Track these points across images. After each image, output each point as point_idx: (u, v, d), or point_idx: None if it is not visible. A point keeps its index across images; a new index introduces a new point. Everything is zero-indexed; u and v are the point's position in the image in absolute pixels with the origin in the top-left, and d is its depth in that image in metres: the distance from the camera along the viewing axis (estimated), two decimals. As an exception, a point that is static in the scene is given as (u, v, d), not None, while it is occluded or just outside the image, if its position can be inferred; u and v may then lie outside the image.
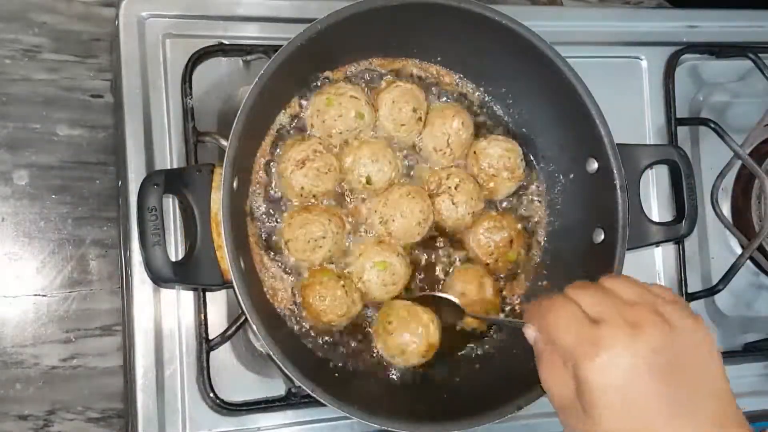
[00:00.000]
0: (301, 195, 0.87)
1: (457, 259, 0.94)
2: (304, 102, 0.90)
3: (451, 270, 0.93)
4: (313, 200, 0.88)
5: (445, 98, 0.96)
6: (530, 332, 0.68)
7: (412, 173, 0.93)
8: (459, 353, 0.92)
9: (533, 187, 0.97)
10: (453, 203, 0.91)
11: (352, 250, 0.89)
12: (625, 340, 0.60)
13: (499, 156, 0.93)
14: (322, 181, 0.87)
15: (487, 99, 0.97)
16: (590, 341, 0.60)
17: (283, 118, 0.90)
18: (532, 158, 0.97)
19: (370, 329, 0.89)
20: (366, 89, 0.92)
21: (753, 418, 1.04)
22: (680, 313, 0.63)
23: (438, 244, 0.93)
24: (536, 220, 0.96)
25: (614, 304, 0.62)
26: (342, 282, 0.86)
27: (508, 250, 0.93)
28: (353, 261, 0.88)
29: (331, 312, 0.85)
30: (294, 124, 0.90)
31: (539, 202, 0.97)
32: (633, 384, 0.59)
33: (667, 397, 0.60)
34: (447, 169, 0.93)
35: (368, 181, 0.88)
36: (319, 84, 0.91)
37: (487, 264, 0.93)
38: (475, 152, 0.93)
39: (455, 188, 0.91)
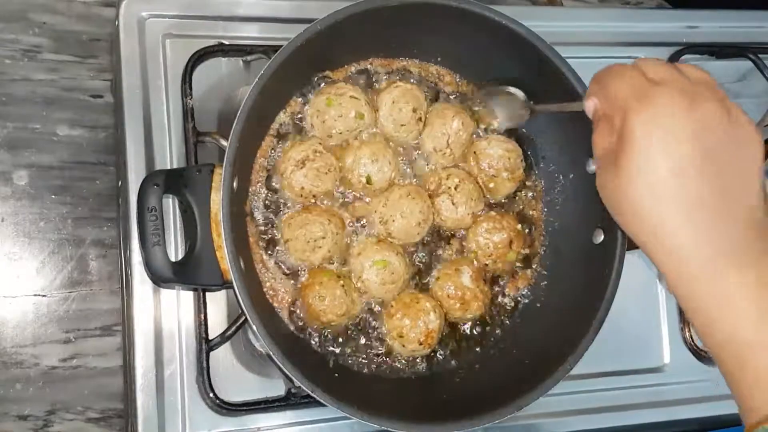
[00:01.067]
0: (301, 195, 0.87)
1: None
2: (303, 102, 0.90)
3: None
4: (313, 200, 0.88)
5: (444, 98, 0.96)
6: (590, 104, 0.66)
7: (413, 173, 0.93)
8: (459, 353, 0.92)
9: (533, 187, 0.97)
10: (453, 203, 0.91)
11: (351, 249, 0.89)
12: (680, 103, 0.58)
13: (500, 156, 0.93)
14: (322, 181, 0.87)
15: (486, 100, 0.97)
16: (645, 95, 0.59)
17: (283, 118, 0.90)
18: (531, 158, 0.97)
19: (370, 330, 0.89)
20: (366, 89, 0.92)
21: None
22: (741, 111, 0.61)
23: (437, 245, 0.93)
24: (535, 220, 0.96)
25: (680, 75, 0.61)
26: (341, 282, 0.86)
27: (508, 251, 0.93)
28: (352, 260, 0.88)
29: (330, 312, 0.85)
30: (294, 124, 0.90)
31: (539, 202, 0.97)
32: (670, 152, 0.58)
33: (697, 183, 0.58)
34: (447, 169, 0.93)
35: (368, 181, 0.88)
36: (319, 84, 0.91)
37: (486, 265, 0.93)
38: (475, 152, 0.93)
39: (455, 188, 0.91)
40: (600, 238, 0.88)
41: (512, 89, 0.90)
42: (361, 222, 0.90)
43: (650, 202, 0.59)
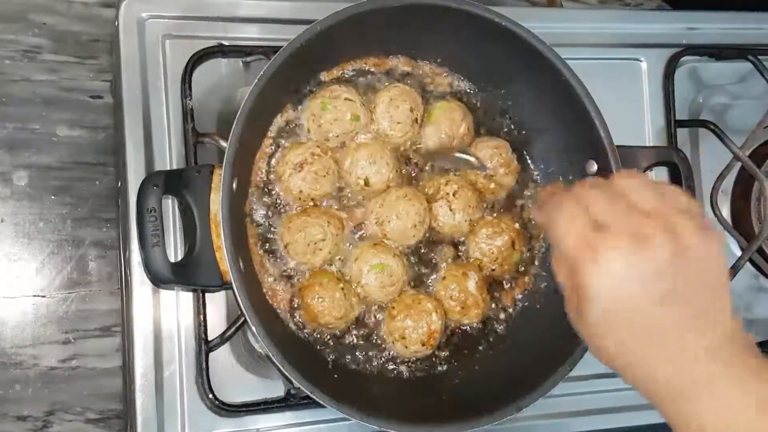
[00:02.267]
0: (300, 198, 0.87)
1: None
2: (299, 106, 0.90)
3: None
4: (311, 203, 0.88)
5: (447, 97, 0.95)
6: (539, 216, 0.65)
7: (412, 175, 0.93)
8: (459, 354, 0.92)
9: (532, 189, 0.97)
10: (450, 210, 0.91)
11: (349, 254, 0.89)
12: (627, 252, 0.56)
13: (491, 155, 0.93)
14: (320, 184, 0.87)
15: (486, 100, 0.97)
16: (590, 247, 0.57)
17: (281, 120, 0.90)
18: (530, 160, 0.97)
19: (370, 331, 0.89)
20: (361, 90, 0.92)
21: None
22: (693, 228, 0.58)
23: (434, 248, 0.93)
24: (535, 223, 0.96)
25: (623, 210, 0.58)
26: (341, 284, 0.86)
27: (512, 252, 0.93)
28: (350, 265, 0.88)
29: (328, 314, 0.85)
30: (291, 127, 0.90)
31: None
32: (628, 302, 0.56)
33: (660, 325, 0.57)
34: (445, 175, 0.93)
35: (366, 183, 0.88)
36: (316, 86, 0.91)
37: (493, 270, 0.93)
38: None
39: (453, 195, 0.91)
40: (600, 239, 0.88)
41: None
42: (359, 224, 0.90)
43: (623, 353, 0.59)
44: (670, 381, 0.59)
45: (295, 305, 0.87)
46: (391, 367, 0.89)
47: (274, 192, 0.88)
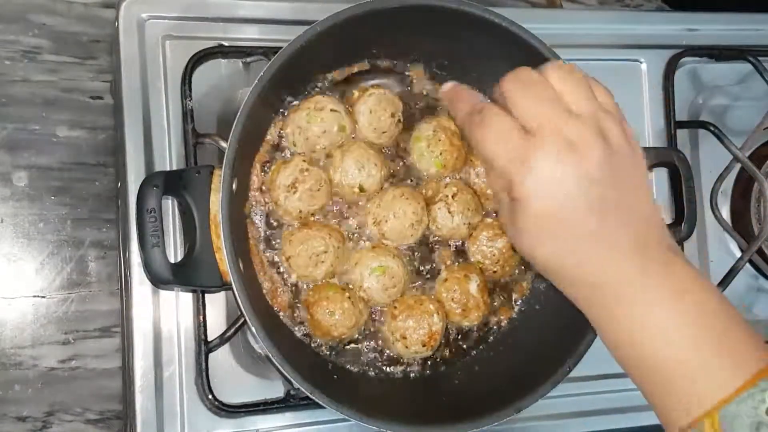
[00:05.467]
0: (300, 217, 0.87)
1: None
2: (280, 120, 0.89)
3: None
4: (312, 218, 0.88)
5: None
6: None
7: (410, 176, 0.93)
8: (459, 355, 0.92)
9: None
10: (449, 212, 0.90)
11: (349, 259, 0.89)
12: (558, 159, 0.56)
13: None
14: (317, 198, 0.86)
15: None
16: (520, 158, 0.56)
17: (282, 124, 0.90)
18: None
19: (370, 332, 0.89)
20: (341, 98, 0.91)
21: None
22: (620, 132, 0.59)
23: (437, 253, 0.93)
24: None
25: (554, 112, 0.57)
26: (347, 294, 0.86)
27: (512, 254, 0.93)
28: (351, 270, 0.88)
29: (341, 325, 0.85)
30: (274, 144, 0.89)
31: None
32: (563, 210, 0.57)
33: (596, 230, 0.58)
34: (445, 179, 0.93)
35: (361, 189, 0.88)
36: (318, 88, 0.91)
37: (494, 272, 0.93)
38: (471, 160, 0.93)
39: (452, 197, 0.90)
40: (599, 240, 0.88)
41: None
42: (358, 231, 0.90)
43: (559, 258, 0.60)
44: (600, 282, 0.60)
45: (296, 306, 0.87)
46: (391, 367, 0.89)
47: (271, 219, 0.88)
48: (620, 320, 0.61)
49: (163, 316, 0.88)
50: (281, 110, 0.89)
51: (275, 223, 0.88)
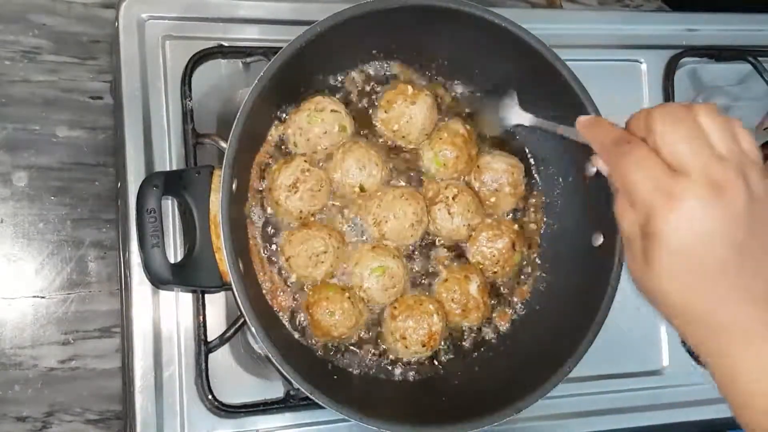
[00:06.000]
0: (300, 217, 0.87)
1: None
2: (282, 120, 0.89)
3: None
4: (312, 218, 0.88)
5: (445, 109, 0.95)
6: (601, 165, 0.64)
7: (412, 177, 0.93)
8: (459, 355, 0.92)
9: (532, 191, 0.97)
10: (449, 213, 0.90)
11: (349, 260, 0.89)
12: (706, 199, 0.55)
13: (503, 171, 0.93)
14: (317, 198, 0.87)
15: (486, 101, 0.97)
16: (670, 193, 0.56)
17: (282, 124, 0.90)
18: (531, 161, 0.97)
19: (370, 332, 0.89)
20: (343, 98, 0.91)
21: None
22: (760, 177, 0.58)
23: (437, 254, 0.93)
24: (535, 223, 0.96)
25: (701, 153, 0.57)
26: (347, 294, 0.86)
27: (513, 254, 0.93)
28: (351, 270, 0.88)
29: (341, 326, 0.85)
30: (275, 145, 0.89)
31: (538, 205, 0.97)
32: (703, 249, 0.57)
33: (733, 273, 0.57)
34: (446, 180, 0.93)
35: (362, 189, 0.88)
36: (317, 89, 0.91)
37: (495, 272, 0.93)
38: (478, 166, 0.93)
39: (453, 198, 0.90)
40: (599, 240, 0.88)
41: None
42: (358, 231, 0.90)
43: (687, 298, 0.59)
44: (728, 325, 0.59)
45: (296, 306, 0.87)
46: (390, 368, 0.89)
47: (270, 216, 0.88)
48: (743, 362, 0.60)
49: (162, 316, 0.88)
50: (281, 110, 0.89)
51: (275, 224, 0.88)
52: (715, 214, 0.56)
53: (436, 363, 0.91)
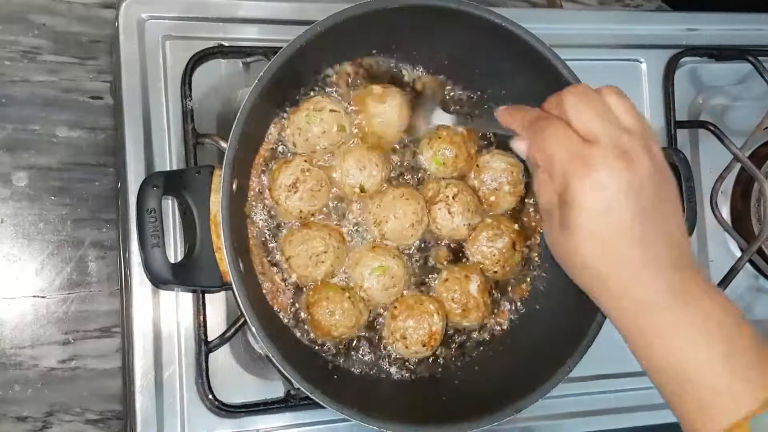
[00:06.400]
0: (300, 217, 0.87)
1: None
2: (280, 120, 0.89)
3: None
4: (311, 218, 0.88)
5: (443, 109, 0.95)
6: (521, 146, 0.69)
7: (412, 177, 0.93)
8: (458, 355, 0.92)
9: (531, 191, 0.97)
10: (449, 213, 0.90)
11: (349, 260, 0.89)
12: (617, 167, 0.61)
13: (502, 170, 0.92)
14: (318, 198, 0.87)
15: (486, 102, 0.97)
16: (583, 160, 0.62)
17: (282, 124, 0.90)
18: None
19: (370, 332, 0.89)
20: (342, 96, 0.91)
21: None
22: (660, 152, 0.65)
23: (437, 253, 0.93)
24: (535, 223, 0.96)
25: (610, 126, 0.63)
26: (347, 294, 0.86)
27: (513, 253, 0.93)
28: (351, 271, 0.88)
29: (341, 325, 0.85)
30: (276, 144, 0.89)
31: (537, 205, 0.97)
32: (614, 214, 0.62)
33: (639, 236, 0.62)
34: (446, 179, 0.93)
35: (362, 190, 0.88)
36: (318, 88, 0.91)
37: (495, 272, 0.93)
38: (478, 165, 0.93)
39: (453, 198, 0.90)
40: (599, 240, 0.88)
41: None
42: (358, 231, 0.90)
43: (601, 259, 0.64)
44: (637, 291, 0.64)
45: (296, 306, 0.87)
46: (391, 368, 0.89)
47: (271, 216, 0.88)
48: (653, 329, 0.64)
49: (163, 316, 0.88)
50: (281, 110, 0.89)
51: (275, 224, 0.88)
52: (623, 180, 0.61)
53: (436, 363, 0.91)
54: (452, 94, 0.96)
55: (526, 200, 0.96)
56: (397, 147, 0.92)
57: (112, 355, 1.01)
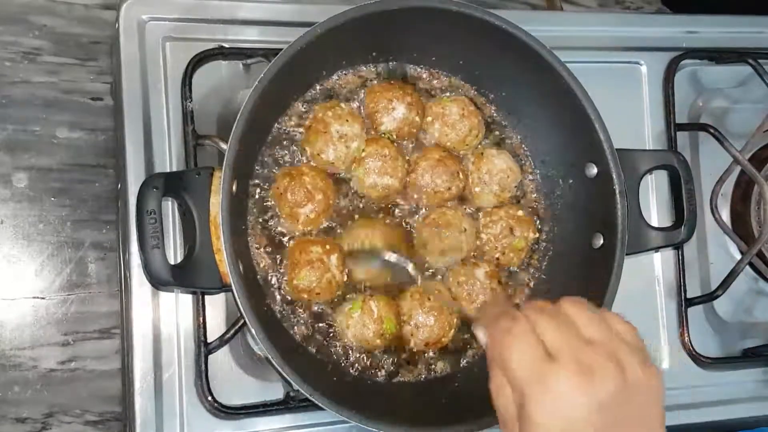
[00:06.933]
0: (303, 222, 0.88)
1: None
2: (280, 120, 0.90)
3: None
4: (314, 226, 0.89)
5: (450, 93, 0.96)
6: (481, 336, 0.66)
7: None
8: (458, 356, 0.92)
9: (532, 191, 0.97)
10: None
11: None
12: (575, 384, 0.57)
13: (500, 170, 0.93)
14: (321, 206, 0.87)
15: (486, 102, 0.97)
16: (540, 378, 0.58)
17: (282, 125, 0.90)
18: (530, 162, 0.97)
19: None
20: (354, 102, 0.93)
21: (752, 423, 1.04)
22: (637, 362, 0.60)
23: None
24: (535, 223, 0.96)
25: (571, 339, 0.60)
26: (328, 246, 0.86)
27: (513, 239, 0.92)
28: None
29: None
30: (276, 144, 0.90)
31: (538, 205, 0.97)
32: (569, 430, 0.58)
33: None
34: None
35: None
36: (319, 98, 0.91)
37: (498, 258, 0.93)
38: (482, 154, 0.93)
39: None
40: (599, 242, 0.88)
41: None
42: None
43: None
44: None
45: (296, 308, 0.87)
46: (390, 369, 0.89)
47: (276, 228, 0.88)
48: None
49: (162, 317, 0.88)
50: (282, 111, 0.89)
51: (276, 225, 0.88)
52: (583, 397, 0.57)
53: (435, 364, 0.91)
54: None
55: (527, 203, 0.96)
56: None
57: (112, 357, 1.01)
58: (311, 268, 0.84)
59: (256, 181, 0.88)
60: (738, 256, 1.09)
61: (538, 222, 0.96)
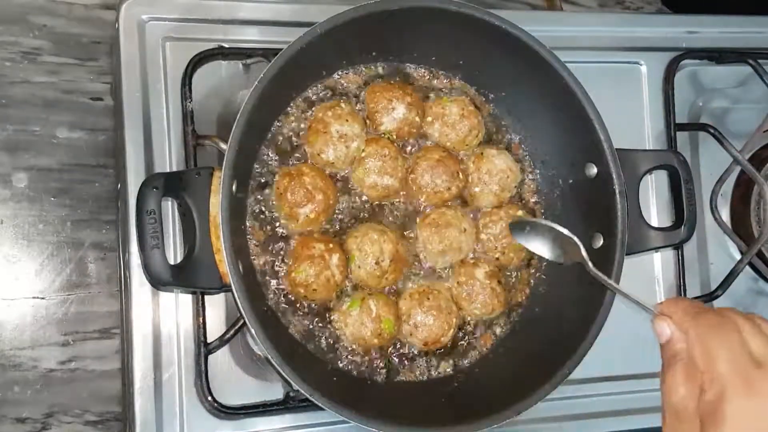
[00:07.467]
0: (303, 222, 0.87)
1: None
2: (280, 121, 0.90)
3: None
4: (314, 226, 0.88)
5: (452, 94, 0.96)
6: (665, 328, 0.65)
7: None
8: (458, 357, 0.92)
9: (532, 192, 0.97)
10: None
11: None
12: (750, 410, 0.57)
13: (500, 170, 0.93)
14: (321, 206, 0.87)
15: (487, 102, 0.97)
16: (746, 381, 0.58)
17: (282, 125, 0.90)
18: (530, 161, 0.97)
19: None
20: (354, 102, 0.92)
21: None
22: None
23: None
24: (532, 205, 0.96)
25: (743, 362, 0.59)
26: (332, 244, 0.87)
27: (512, 239, 0.92)
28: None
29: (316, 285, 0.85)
30: (275, 145, 0.90)
31: (538, 206, 0.97)
32: None
33: None
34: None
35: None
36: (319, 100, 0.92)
37: (498, 258, 0.93)
38: (482, 153, 0.93)
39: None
40: (599, 242, 0.88)
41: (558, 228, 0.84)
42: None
43: None
44: None
45: (296, 308, 0.87)
46: (390, 370, 0.89)
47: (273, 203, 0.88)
48: None
49: (162, 317, 0.88)
50: (282, 111, 0.89)
51: (276, 225, 0.88)
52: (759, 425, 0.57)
53: (435, 365, 0.91)
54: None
55: (528, 204, 0.96)
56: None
57: (112, 357, 1.01)
58: (311, 263, 0.84)
59: (256, 181, 0.88)
60: (738, 256, 1.09)
61: (546, 216, 0.96)
